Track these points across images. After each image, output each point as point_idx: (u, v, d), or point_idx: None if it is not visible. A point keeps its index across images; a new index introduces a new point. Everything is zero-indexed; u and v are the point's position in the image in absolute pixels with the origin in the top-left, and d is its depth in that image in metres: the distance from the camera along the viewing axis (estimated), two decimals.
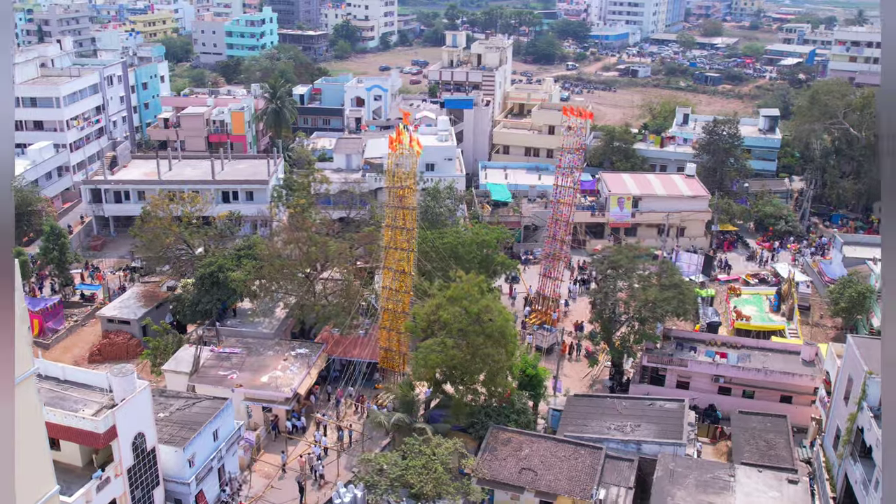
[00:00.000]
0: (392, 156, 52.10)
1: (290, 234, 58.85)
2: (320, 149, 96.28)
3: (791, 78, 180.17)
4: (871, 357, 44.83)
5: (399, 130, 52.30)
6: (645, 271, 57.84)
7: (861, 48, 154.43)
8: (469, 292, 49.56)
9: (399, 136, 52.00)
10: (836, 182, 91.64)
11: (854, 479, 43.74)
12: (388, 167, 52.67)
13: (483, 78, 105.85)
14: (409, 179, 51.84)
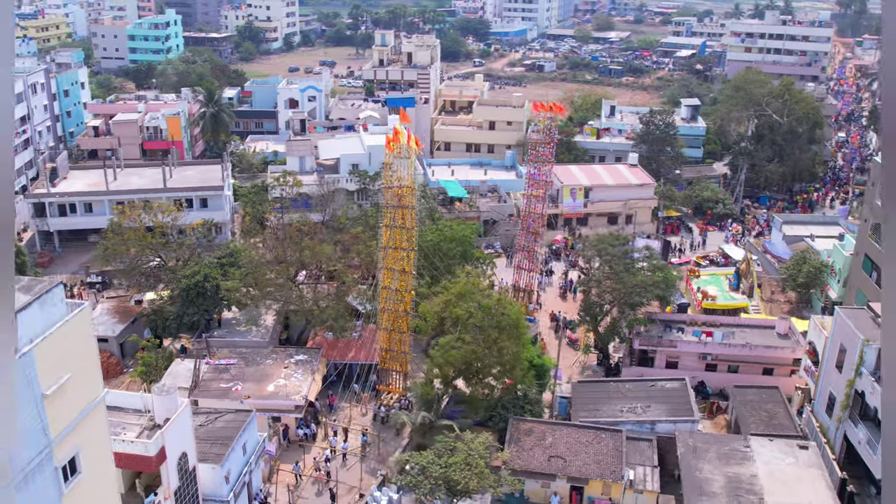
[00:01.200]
0: (389, 155, 51.66)
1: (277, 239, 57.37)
2: (260, 152, 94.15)
3: (689, 69, 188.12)
4: (863, 327, 47.84)
5: (396, 130, 51.86)
6: (628, 257, 59.54)
7: (755, 39, 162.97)
8: (478, 287, 49.81)
9: (396, 134, 51.60)
10: (763, 165, 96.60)
11: (857, 441, 46.50)
12: (386, 167, 52.19)
13: (418, 76, 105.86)
14: (408, 179, 51.53)
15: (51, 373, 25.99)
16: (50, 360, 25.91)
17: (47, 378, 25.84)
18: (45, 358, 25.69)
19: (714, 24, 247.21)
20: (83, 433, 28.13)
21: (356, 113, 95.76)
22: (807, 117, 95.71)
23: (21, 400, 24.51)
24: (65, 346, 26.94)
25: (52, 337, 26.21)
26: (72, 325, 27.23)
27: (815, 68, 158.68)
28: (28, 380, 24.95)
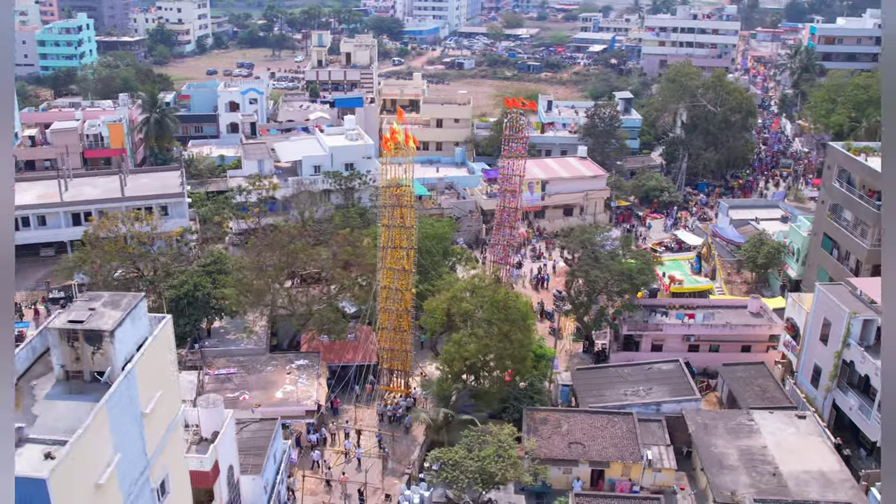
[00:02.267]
0: (387, 155, 51.41)
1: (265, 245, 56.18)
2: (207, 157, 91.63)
3: (604, 63, 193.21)
4: (846, 301, 50.68)
5: (393, 130, 51.61)
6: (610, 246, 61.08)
7: (668, 33, 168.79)
8: (484, 282, 50.22)
9: (393, 134, 51.37)
10: (700, 153, 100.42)
11: (848, 407, 49.31)
12: (384, 167, 51.91)
13: (361, 76, 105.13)
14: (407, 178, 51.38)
15: (146, 390, 25.02)
16: (145, 377, 24.93)
17: (144, 396, 24.86)
18: (142, 375, 24.72)
19: (621, 19, 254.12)
20: (169, 452, 27.18)
21: (305, 114, 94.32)
22: (739, 106, 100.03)
23: (125, 420, 23.50)
24: (154, 361, 25.98)
25: (147, 353, 25.24)
26: (159, 339, 26.26)
27: (726, 60, 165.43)
28: (130, 399, 23.96)
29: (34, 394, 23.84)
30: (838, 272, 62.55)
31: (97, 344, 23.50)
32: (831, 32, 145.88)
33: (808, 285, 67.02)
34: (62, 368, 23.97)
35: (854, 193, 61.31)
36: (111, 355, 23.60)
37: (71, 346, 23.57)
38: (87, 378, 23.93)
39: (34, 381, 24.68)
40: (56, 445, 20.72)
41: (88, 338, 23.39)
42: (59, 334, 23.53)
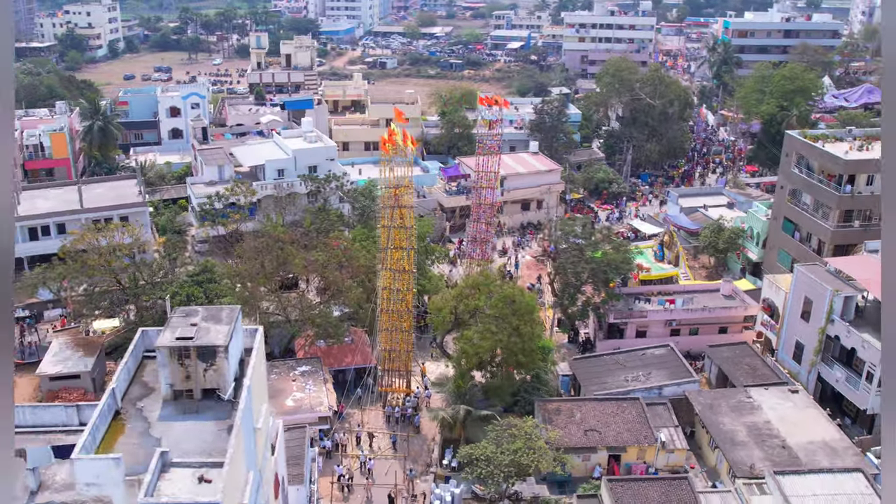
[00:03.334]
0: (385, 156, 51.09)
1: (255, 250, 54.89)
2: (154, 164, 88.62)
3: (524, 60, 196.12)
4: (826, 280, 53.44)
5: (391, 131, 51.31)
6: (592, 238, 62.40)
7: (588, 29, 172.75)
8: (489, 278, 50.60)
9: (391, 135, 51.08)
10: (642, 145, 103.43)
11: (834, 379, 52.10)
12: (382, 168, 51.55)
13: (306, 77, 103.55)
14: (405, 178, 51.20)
15: (255, 405, 24.34)
16: (254, 391, 24.25)
17: (255, 411, 24.19)
18: (253, 388, 24.04)
19: (532, 17, 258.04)
20: (266, 466, 26.50)
21: (255, 118, 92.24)
22: (678, 98, 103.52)
23: (248, 437, 22.81)
24: (257, 374, 25.28)
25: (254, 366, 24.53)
26: (259, 351, 25.55)
27: (644, 54, 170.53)
28: (247, 413, 23.26)
29: (145, 416, 22.88)
30: (801, 253, 65.77)
31: (210, 360, 22.74)
32: (744, 26, 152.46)
33: (769, 267, 70.25)
34: (170, 388, 23.03)
35: (814, 178, 64.54)
36: (224, 371, 22.89)
37: (181, 365, 22.71)
38: (198, 396, 23.08)
39: (138, 402, 23.64)
40: (203, 468, 19.97)
41: (201, 354, 22.61)
42: (169, 353, 22.63)
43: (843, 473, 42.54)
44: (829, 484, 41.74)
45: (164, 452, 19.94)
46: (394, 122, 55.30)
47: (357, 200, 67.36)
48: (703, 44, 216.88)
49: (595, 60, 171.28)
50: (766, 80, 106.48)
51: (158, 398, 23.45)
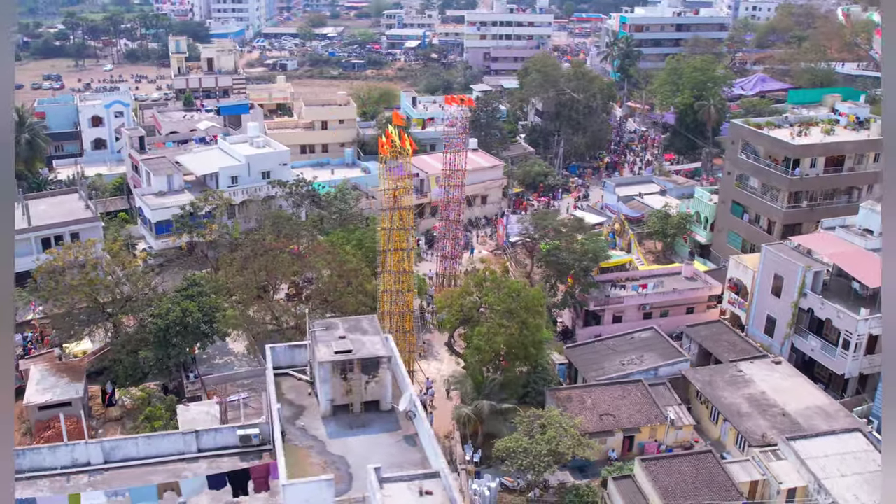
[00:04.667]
0: (384, 158, 50.75)
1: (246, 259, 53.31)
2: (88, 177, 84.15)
3: (424, 58, 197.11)
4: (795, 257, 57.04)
5: (388, 133, 50.97)
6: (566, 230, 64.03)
7: (489, 27, 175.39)
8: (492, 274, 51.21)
9: (389, 137, 50.78)
10: (570, 138, 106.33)
11: (810, 349, 55.71)
12: (380, 170, 51.16)
13: (234, 82, 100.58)
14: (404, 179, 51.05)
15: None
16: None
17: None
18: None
19: (422, 15, 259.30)
20: None
21: (189, 125, 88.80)
22: (600, 92, 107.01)
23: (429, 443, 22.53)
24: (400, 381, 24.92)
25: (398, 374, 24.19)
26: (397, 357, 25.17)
27: (543, 50, 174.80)
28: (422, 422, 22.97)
29: (313, 434, 22.27)
30: (751, 234, 69.80)
31: (373, 372, 22.40)
32: (640, 21, 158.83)
33: (718, 248, 74.21)
34: (330, 403, 22.53)
35: (761, 163, 68.53)
36: (386, 382, 22.59)
37: (344, 379, 22.24)
38: (358, 410, 22.70)
39: (296, 421, 22.96)
40: (415, 480, 19.77)
41: (365, 367, 22.22)
42: (332, 367, 22.13)
43: (845, 434, 45.82)
44: (835, 445, 44.89)
45: (378, 468, 19.52)
46: (391, 125, 54.88)
47: (332, 204, 66.28)
48: (592, 39, 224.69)
49: (497, 57, 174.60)
50: (678, 72, 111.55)
51: (313, 415, 22.81)
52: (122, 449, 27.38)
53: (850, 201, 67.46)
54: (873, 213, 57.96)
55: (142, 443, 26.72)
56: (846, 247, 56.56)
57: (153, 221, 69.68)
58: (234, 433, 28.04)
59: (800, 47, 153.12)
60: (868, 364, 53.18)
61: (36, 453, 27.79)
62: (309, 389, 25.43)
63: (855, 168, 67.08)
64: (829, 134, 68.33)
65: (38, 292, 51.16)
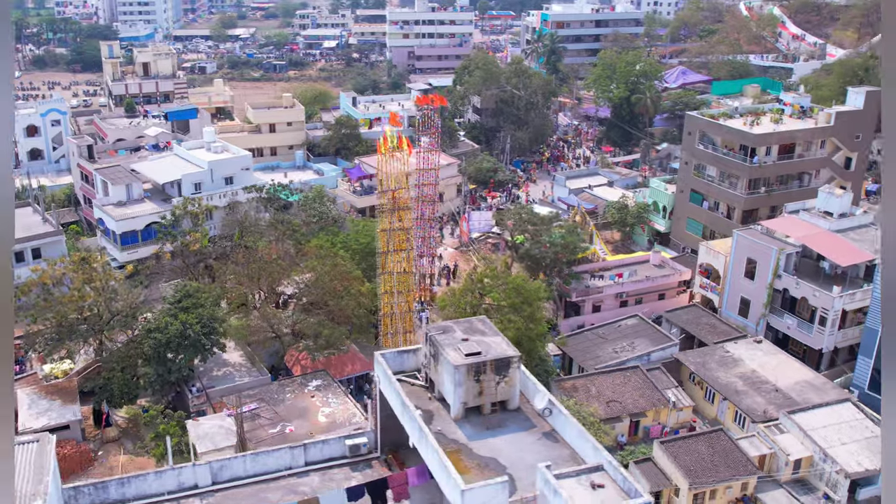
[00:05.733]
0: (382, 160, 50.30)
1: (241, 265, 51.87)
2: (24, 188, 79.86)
3: (346, 58, 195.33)
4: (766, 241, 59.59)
5: (385, 136, 50.50)
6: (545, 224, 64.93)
7: (411, 26, 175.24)
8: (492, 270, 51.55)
9: (386, 140, 50.33)
10: (513, 134, 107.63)
11: (786, 326, 58.37)
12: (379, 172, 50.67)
13: (175, 86, 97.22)
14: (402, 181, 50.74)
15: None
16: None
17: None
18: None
19: (336, 15, 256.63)
20: None
21: (137, 132, 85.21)
22: (540, 88, 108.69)
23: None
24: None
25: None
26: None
27: (466, 48, 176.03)
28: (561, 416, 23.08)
29: (453, 438, 22.10)
30: (711, 220, 72.52)
31: (503, 373, 22.42)
32: (561, 18, 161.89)
33: (677, 236, 76.76)
34: (463, 406, 22.44)
35: (718, 152, 71.22)
36: (515, 382, 22.66)
37: (476, 381, 22.19)
38: (488, 411, 22.71)
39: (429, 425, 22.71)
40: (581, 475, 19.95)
41: (498, 368, 22.23)
42: (466, 370, 22.04)
43: (837, 405, 48.37)
44: (830, 416, 47.31)
45: (549, 465, 19.54)
46: (389, 126, 54.29)
47: (312, 207, 65.02)
48: (507, 36, 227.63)
49: (422, 56, 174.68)
50: (612, 67, 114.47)
51: (443, 419, 22.62)
52: (228, 469, 26.23)
53: (802, 186, 71.02)
54: (832, 196, 61.30)
55: (249, 461, 25.71)
56: (812, 229, 59.51)
57: (118, 233, 66.83)
58: (341, 443, 27.23)
59: (710, 40, 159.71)
60: (842, 338, 56.19)
61: (142, 480, 26.31)
62: (429, 394, 25.05)
63: (804, 154, 70.53)
64: (777, 123, 71.56)
65: (27, 311, 48.24)
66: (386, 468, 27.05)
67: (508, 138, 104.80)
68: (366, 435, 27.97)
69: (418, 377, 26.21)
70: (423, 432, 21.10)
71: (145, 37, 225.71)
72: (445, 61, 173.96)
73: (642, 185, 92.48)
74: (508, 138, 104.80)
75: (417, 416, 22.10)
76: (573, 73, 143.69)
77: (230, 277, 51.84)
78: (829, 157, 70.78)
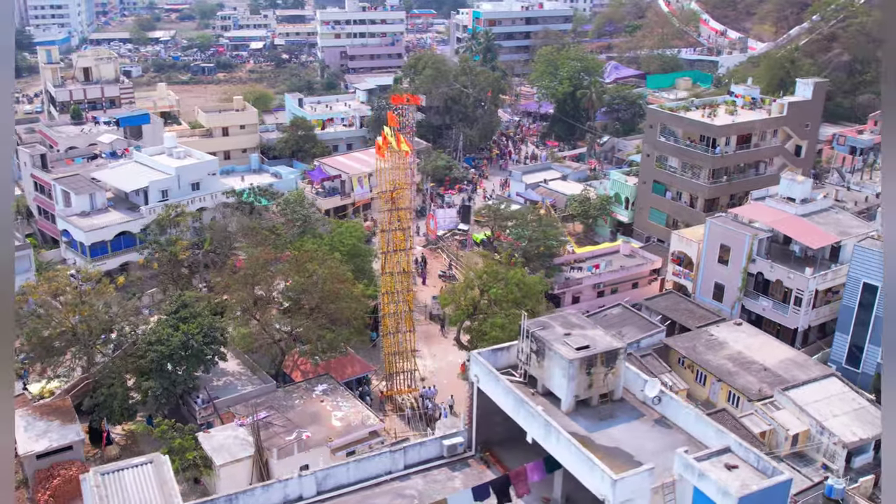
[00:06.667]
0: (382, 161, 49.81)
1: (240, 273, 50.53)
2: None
3: (276, 59, 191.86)
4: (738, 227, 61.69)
5: (384, 135, 49.99)
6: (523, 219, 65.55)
7: (343, 25, 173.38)
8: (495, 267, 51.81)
9: (385, 140, 49.84)
10: (464, 131, 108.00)
11: (761, 308, 60.60)
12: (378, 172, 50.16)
13: (121, 91, 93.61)
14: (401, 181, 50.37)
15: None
16: None
17: None
18: None
19: (258, 16, 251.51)
20: None
21: (89, 139, 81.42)
22: (489, 85, 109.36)
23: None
24: None
25: None
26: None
27: (398, 47, 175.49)
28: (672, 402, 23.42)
29: (572, 431, 22.24)
30: (675, 209, 74.62)
31: (611, 364, 22.72)
32: (493, 16, 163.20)
33: (640, 226, 78.70)
34: (575, 399, 22.64)
35: (681, 144, 73.29)
36: (621, 372, 23.01)
37: (588, 373, 22.43)
38: (596, 402, 22.99)
39: None
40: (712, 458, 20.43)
41: (607, 359, 22.53)
42: (579, 364, 22.26)
43: (824, 380, 50.60)
44: (820, 390, 49.48)
45: (686, 450, 19.87)
46: (387, 126, 53.62)
47: (295, 211, 63.63)
48: (433, 34, 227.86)
49: (354, 55, 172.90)
50: (554, 63, 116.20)
51: (554, 413, 22.73)
52: (332, 477, 25.45)
53: (758, 174, 73.82)
54: (794, 182, 63.94)
55: (352, 468, 25.09)
56: (780, 214, 61.95)
57: (87, 244, 64.04)
58: (438, 444, 26.87)
59: (636, 36, 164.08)
60: (815, 316, 58.77)
61: (249, 496, 25.21)
62: (531, 390, 24.96)
63: (759, 144, 73.33)
64: (733, 114, 74.14)
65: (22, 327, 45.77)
66: (484, 466, 26.97)
67: (461, 136, 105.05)
68: (460, 434, 27.83)
69: (514, 374, 26.22)
70: (549, 426, 21.17)
71: (60, 41, 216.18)
72: (378, 60, 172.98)
73: (593, 178, 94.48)
74: (461, 136, 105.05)
75: (540, 410, 22.12)
76: (509, 69, 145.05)
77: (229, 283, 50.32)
78: (783, 145, 73.81)
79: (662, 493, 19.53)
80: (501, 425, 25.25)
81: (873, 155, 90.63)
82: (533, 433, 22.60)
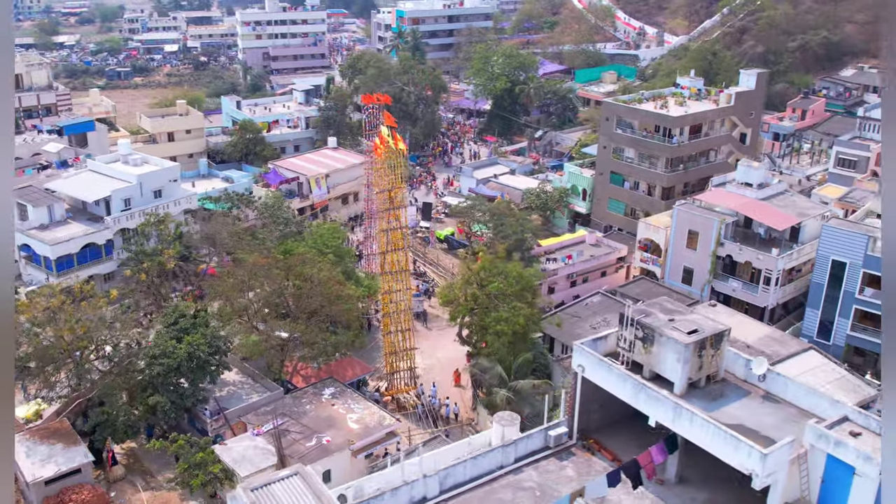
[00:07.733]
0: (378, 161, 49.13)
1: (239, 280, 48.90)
2: None
3: (194, 62, 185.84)
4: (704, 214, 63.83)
5: (381, 135, 49.27)
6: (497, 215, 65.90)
7: (263, 26, 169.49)
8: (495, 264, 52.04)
9: (382, 140, 49.16)
10: (407, 129, 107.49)
11: (731, 289, 62.96)
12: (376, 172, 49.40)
13: (58, 98, 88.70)
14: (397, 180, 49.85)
15: None
16: None
17: None
18: None
19: (166, 18, 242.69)
20: None
21: (33, 148, 76.66)
22: (431, 84, 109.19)
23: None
24: None
25: None
26: None
27: (321, 47, 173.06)
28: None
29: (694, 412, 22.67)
30: (633, 199, 76.59)
31: (718, 346, 23.34)
32: (416, 15, 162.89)
33: (599, 216, 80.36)
34: (688, 381, 23.15)
35: (637, 135, 75.22)
36: (724, 353, 23.68)
37: (699, 356, 22.99)
38: (704, 383, 23.58)
39: None
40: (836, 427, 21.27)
41: (716, 341, 23.14)
42: (694, 347, 22.77)
43: (804, 354, 53.02)
44: (802, 363, 51.76)
45: (815, 422, 20.54)
46: (383, 126, 52.64)
47: (276, 215, 61.79)
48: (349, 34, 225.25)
49: (277, 56, 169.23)
50: (489, 61, 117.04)
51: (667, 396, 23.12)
52: (451, 476, 24.85)
53: (708, 161, 76.57)
54: (751, 168, 66.68)
55: (468, 466, 24.59)
56: (741, 199, 64.45)
57: (52, 258, 60.59)
58: (542, 435, 26.75)
59: (555, 31, 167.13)
60: (782, 294, 61.53)
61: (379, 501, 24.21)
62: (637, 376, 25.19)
63: (709, 133, 76.06)
64: (682, 105, 76.63)
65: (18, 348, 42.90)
66: (589, 454, 27.13)
67: (408, 134, 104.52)
68: (562, 424, 27.93)
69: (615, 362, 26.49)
70: (679, 408, 21.58)
71: None
72: (302, 61, 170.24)
73: (538, 171, 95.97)
74: (408, 134, 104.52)
75: (666, 394, 22.41)
76: (437, 67, 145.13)
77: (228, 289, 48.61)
78: (730, 133, 76.80)
79: (798, 463, 20.23)
80: (597, 412, 25.56)
81: (796, 140, 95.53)
82: (658, 417, 23.06)
